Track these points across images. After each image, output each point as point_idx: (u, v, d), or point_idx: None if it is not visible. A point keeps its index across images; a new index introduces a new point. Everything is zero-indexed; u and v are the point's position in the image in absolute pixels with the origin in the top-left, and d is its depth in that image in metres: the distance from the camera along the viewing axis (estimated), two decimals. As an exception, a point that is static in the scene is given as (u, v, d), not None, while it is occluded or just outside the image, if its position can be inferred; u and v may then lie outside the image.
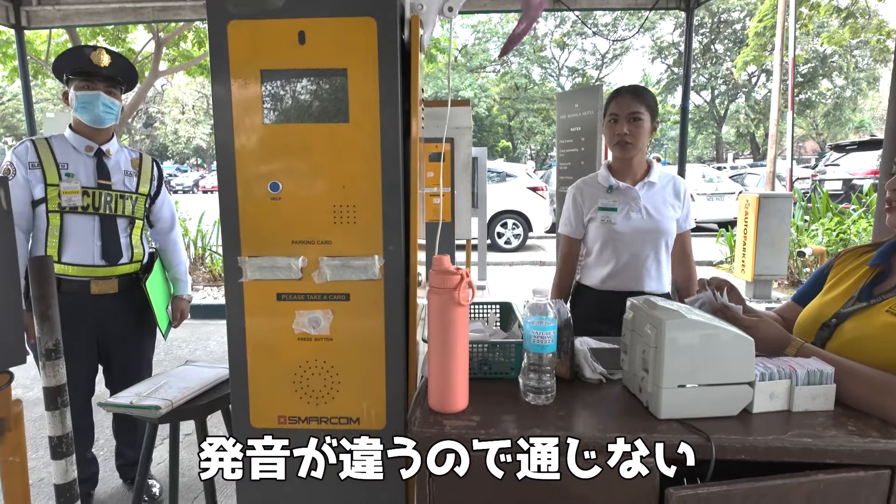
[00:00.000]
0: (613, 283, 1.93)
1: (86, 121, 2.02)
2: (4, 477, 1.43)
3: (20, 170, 1.96)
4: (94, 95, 1.99)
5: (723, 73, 24.77)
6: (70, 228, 1.99)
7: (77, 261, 1.99)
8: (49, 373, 1.77)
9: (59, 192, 1.96)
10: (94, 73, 1.98)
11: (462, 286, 1.11)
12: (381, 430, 1.24)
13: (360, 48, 1.13)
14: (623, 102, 1.85)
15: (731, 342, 1.08)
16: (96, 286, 2.03)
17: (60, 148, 2.03)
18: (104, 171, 2.07)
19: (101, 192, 2.04)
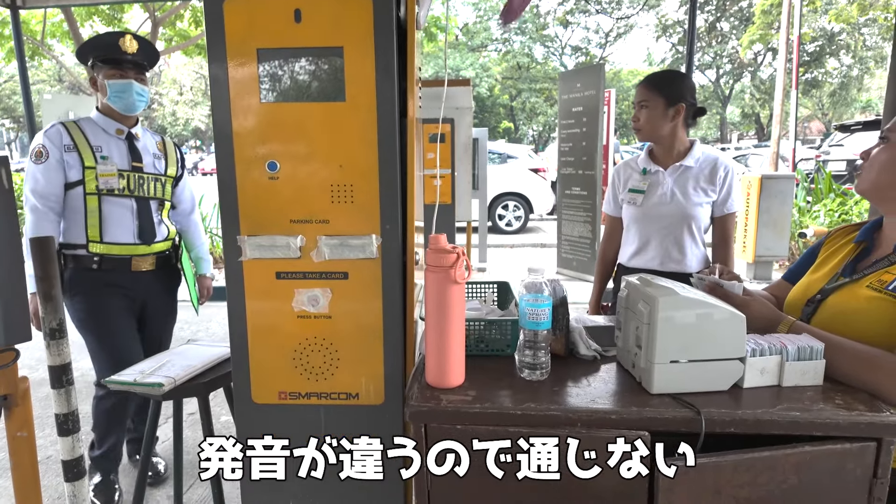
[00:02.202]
0: (637, 261, 2.04)
1: (119, 109, 2.04)
2: (13, 452, 1.47)
3: (54, 152, 1.97)
4: (126, 84, 2.01)
5: (728, 52, 24.43)
6: (109, 210, 2.02)
7: (118, 240, 2.04)
8: (54, 351, 1.80)
9: (97, 175, 1.98)
10: (124, 60, 2.00)
11: (458, 264, 1.13)
12: (379, 405, 1.27)
13: (356, 26, 1.13)
14: (638, 91, 1.97)
15: (723, 319, 1.09)
16: (136, 263, 2.09)
17: (92, 131, 2.04)
18: (136, 154, 2.10)
19: (135, 175, 2.07)
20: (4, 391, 1.40)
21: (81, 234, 2.01)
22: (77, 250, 2.02)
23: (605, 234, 2.24)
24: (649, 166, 2.01)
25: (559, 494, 1.07)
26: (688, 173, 1.95)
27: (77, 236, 2.01)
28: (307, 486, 1.31)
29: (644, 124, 1.94)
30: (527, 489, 1.09)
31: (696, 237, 1.98)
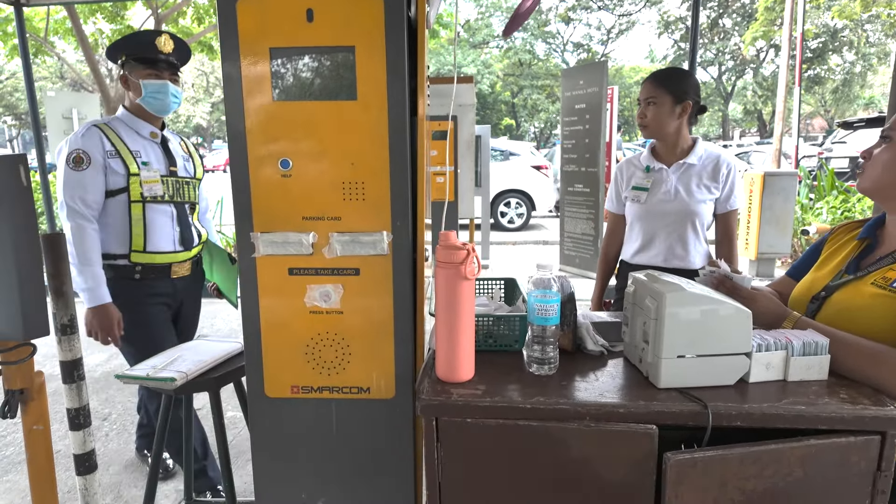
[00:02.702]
0: (639, 258, 2.06)
1: (153, 110, 1.99)
2: (28, 445, 1.49)
3: (96, 158, 1.89)
4: (162, 85, 1.97)
5: (730, 49, 24.36)
6: (153, 219, 1.97)
7: (160, 249, 2.00)
8: (65, 347, 1.82)
9: (141, 182, 1.93)
10: (159, 60, 1.96)
11: (468, 261, 1.14)
12: (390, 399, 1.29)
13: (367, 25, 1.14)
14: (644, 87, 1.97)
15: (730, 315, 1.11)
16: (175, 270, 2.06)
17: (127, 134, 1.98)
18: (171, 158, 2.07)
19: (172, 180, 2.04)
20: (21, 385, 1.42)
21: (123, 244, 1.95)
22: (117, 260, 1.96)
23: (607, 232, 2.26)
24: (652, 164, 2.02)
25: (569, 486, 1.09)
26: (691, 171, 1.97)
27: (118, 246, 1.96)
28: (319, 479, 1.34)
29: (651, 121, 1.95)
30: (536, 481, 1.11)
31: (699, 234, 1.99)
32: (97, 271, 1.90)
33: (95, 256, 1.90)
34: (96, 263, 1.90)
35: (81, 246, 1.87)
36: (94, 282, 1.89)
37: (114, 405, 3.33)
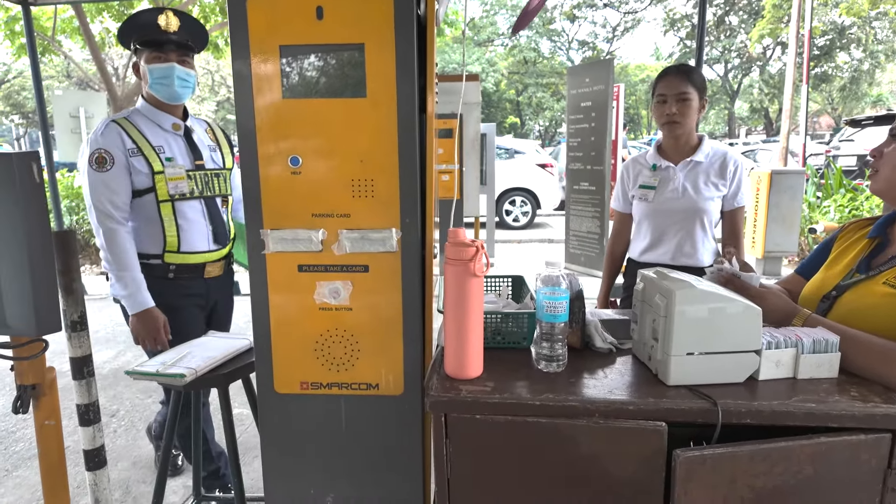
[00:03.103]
0: (648, 256, 2.05)
1: (163, 98, 1.85)
2: (41, 440, 1.50)
3: (119, 157, 1.78)
4: (167, 68, 1.80)
5: (737, 47, 24.23)
6: (184, 217, 1.87)
7: (194, 249, 1.90)
8: (75, 343, 1.84)
9: (166, 180, 1.82)
10: (165, 41, 1.79)
11: (477, 258, 1.15)
12: (398, 396, 1.30)
13: (377, 22, 1.14)
14: (671, 83, 1.90)
15: (739, 312, 1.11)
16: (208, 269, 1.96)
17: (148, 129, 1.85)
18: (196, 151, 1.93)
19: (199, 174, 1.91)
20: (33, 381, 1.44)
21: (156, 244, 1.86)
22: (150, 260, 1.87)
23: (613, 230, 2.25)
24: (659, 162, 2.02)
25: (578, 483, 1.10)
26: (698, 168, 1.96)
27: (150, 246, 1.87)
28: (328, 475, 1.34)
29: (683, 118, 1.91)
30: (545, 478, 1.11)
31: (707, 231, 1.99)
32: (136, 276, 1.81)
33: (132, 260, 1.81)
34: (134, 268, 1.81)
35: (116, 250, 1.79)
36: (133, 287, 1.80)
37: (122, 402, 3.36)
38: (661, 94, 1.92)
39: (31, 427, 3.07)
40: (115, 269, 1.81)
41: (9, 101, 25.64)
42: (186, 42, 1.83)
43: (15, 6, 6.51)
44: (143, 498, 2.35)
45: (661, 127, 1.96)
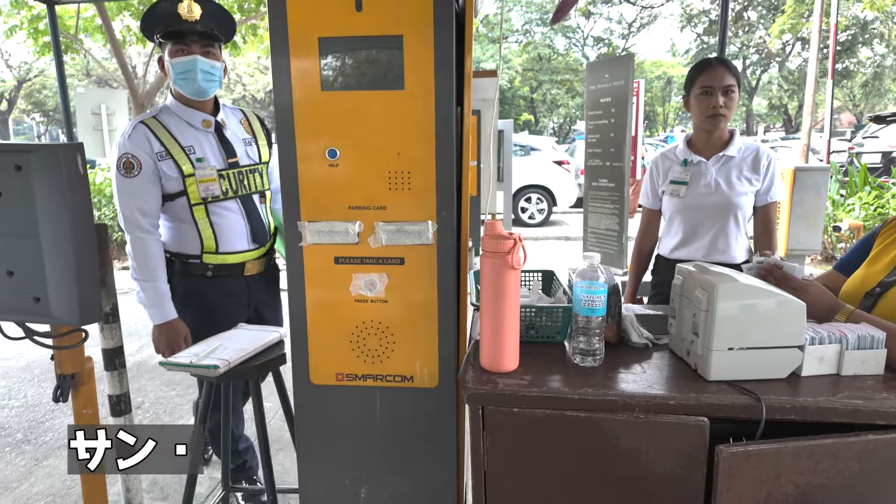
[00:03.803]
0: (679, 253, 2.01)
1: (188, 93, 1.76)
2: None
3: (147, 162, 1.71)
4: (190, 62, 1.70)
5: (755, 42, 23.86)
6: (220, 218, 1.80)
7: (233, 249, 1.84)
8: (107, 335, 1.86)
9: (197, 182, 1.74)
10: (187, 32, 1.69)
11: (515, 250, 1.14)
12: (433, 388, 1.30)
13: (415, 14, 1.14)
14: (717, 75, 1.84)
15: (782, 306, 1.09)
16: (248, 268, 1.90)
17: (177, 128, 1.77)
18: (229, 148, 1.84)
19: (233, 172, 1.82)
20: (72, 370, 1.46)
21: (194, 245, 1.81)
22: (189, 260, 1.83)
23: (641, 227, 2.22)
24: (690, 157, 1.98)
25: (616, 477, 1.09)
26: (730, 163, 1.93)
27: (189, 246, 1.81)
28: (362, 466, 1.35)
29: (729, 111, 1.86)
30: (583, 472, 1.10)
31: (740, 227, 1.96)
32: (160, 287, 1.78)
33: (158, 270, 1.78)
34: (159, 278, 1.78)
35: (143, 259, 1.75)
36: (157, 298, 1.77)
37: (146, 394, 3.40)
38: (707, 87, 1.85)
39: (60, 417, 3.13)
40: (140, 277, 1.78)
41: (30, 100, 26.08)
42: (211, 31, 1.73)
43: (39, 5, 6.61)
44: (170, 487, 2.39)
45: (704, 121, 1.89)
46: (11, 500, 2.37)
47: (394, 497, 1.37)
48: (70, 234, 1.09)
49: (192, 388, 3.42)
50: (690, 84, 1.92)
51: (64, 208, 1.08)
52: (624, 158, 5.25)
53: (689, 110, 1.96)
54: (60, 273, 1.11)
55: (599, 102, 5.45)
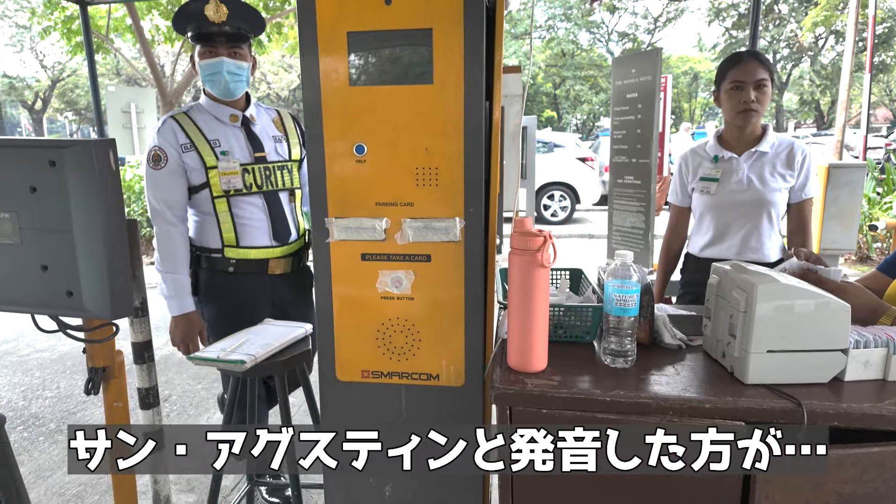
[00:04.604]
0: (710, 251, 1.95)
1: (216, 94, 1.80)
2: (109, 420, 1.55)
3: (172, 154, 1.74)
4: (216, 63, 1.74)
5: (786, 36, 23.21)
6: (241, 212, 1.82)
7: (256, 243, 1.85)
8: (137, 329, 1.89)
9: (219, 174, 1.77)
10: (215, 34, 1.71)
11: (545, 248, 1.12)
12: (459, 387, 1.28)
13: (445, 7, 1.12)
14: (749, 69, 1.79)
15: (825, 308, 1.05)
16: (272, 267, 1.89)
17: (205, 122, 1.80)
18: (256, 143, 1.85)
19: (259, 167, 1.83)
20: (103, 363, 1.49)
21: (216, 238, 1.83)
22: (212, 254, 1.85)
23: (669, 225, 2.17)
24: (720, 153, 1.93)
25: (647, 482, 1.06)
26: (763, 159, 1.87)
27: (212, 240, 1.84)
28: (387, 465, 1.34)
29: (761, 106, 1.81)
30: (614, 476, 1.07)
31: (774, 224, 1.90)
32: (180, 279, 1.80)
33: (180, 262, 1.80)
34: (180, 270, 1.81)
35: (165, 251, 1.79)
36: (175, 290, 1.80)
37: (173, 387, 3.46)
38: (738, 81, 1.80)
39: (91, 409, 3.21)
40: (162, 268, 1.81)
41: (63, 99, 26.82)
42: (238, 30, 1.75)
43: (72, 6, 6.78)
44: (196, 480, 2.42)
45: (735, 116, 1.84)
46: (44, 488, 2.44)
47: (418, 495, 1.36)
48: (102, 229, 1.10)
49: (218, 383, 3.47)
50: (721, 79, 1.87)
51: (96, 204, 1.09)
52: (651, 155, 5.15)
53: (720, 106, 1.91)
54: (93, 268, 1.12)
55: (626, 98, 5.36)
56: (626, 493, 1.08)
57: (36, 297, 1.17)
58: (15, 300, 1.18)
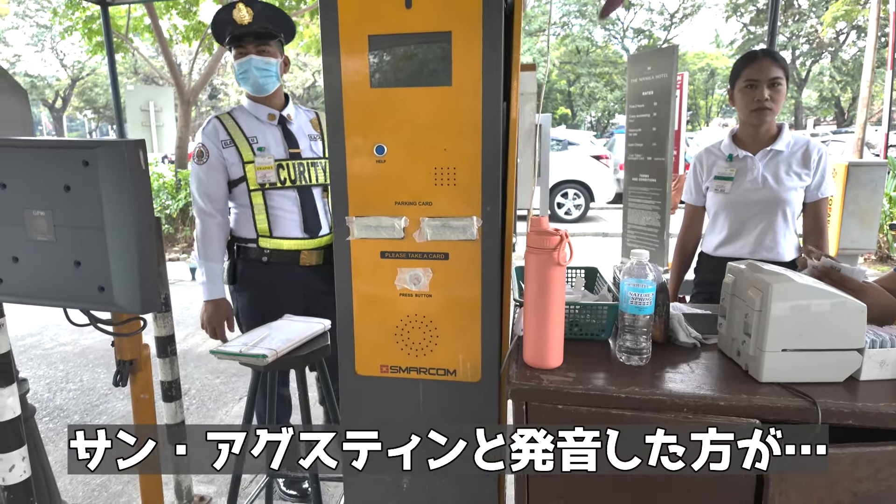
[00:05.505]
0: (724, 250, 1.96)
1: (249, 90, 1.93)
2: (136, 412, 1.61)
3: (213, 151, 1.90)
4: (245, 62, 1.86)
5: (806, 32, 22.82)
6: (275, 205, 1.94)
7: (288, 234, 1.97)
8: (160, 324, 1.94)
9: (255, 169, 1.90)
10: (243, 34, 1.85)
11: (561, 247, 1.14)
12: (476, 383, 1.31)
13: (465, 10, 1.14)
14: (762, 67, 1.80)
15: (841, 308, 1.05)
16: (303, 258, 2.00)
17: (246, 121, 1.95)
18: (292, 140, 1.98)
19: (294, 163, 1.96)
20: (131, 356, 1.54)
21: (251, 229, 1.96)
22: (247, 244, 1.98)
23: (684, 224, 2.17)
24: (735, 152, 1.93)
25: (661, 479, 1.07)
26: (778, 157, 1.87)
27: (247, 230, 1.97)
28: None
29: (775, 104, 1.81)
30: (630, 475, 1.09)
31: (789, 224, 1.90)
32: (213, 266, 1.96)
33: (215, 251, 1.95)
34: (214, 259, 1.96)
35: (202, 240, 1.95)
36: (208, 277, 1.96)
37: (192, 381, 3.53)
38: (752, 79, 1.80)
39: (113, 401, 3.29)
40: (199, 256, 1.97)
41: (83, 97, 27.26)
42: (264, 29, 1.86)
43: (93, 6, 6.91)
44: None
45: (749, 114, 1.84)
46: (70, 476, 2.51)
47: (435, 489, 1.38)
48: (133, 226, 1.14)
49: (236, 377, 3.53)
50: (736, 77, 1.88)
51: (127, 202, 1.13)
52: (666, 153, 5.12)
53: (735, 104, 1.91)
54: (123, 264, 1.16)
55: (641, 96, 5.33)
56: (639, 491, 1.09)
57: (69, 291, 1.21)
58: (50, 294, 1.23)
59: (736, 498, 1.05)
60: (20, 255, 1.22)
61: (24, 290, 1.24)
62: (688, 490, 1.07)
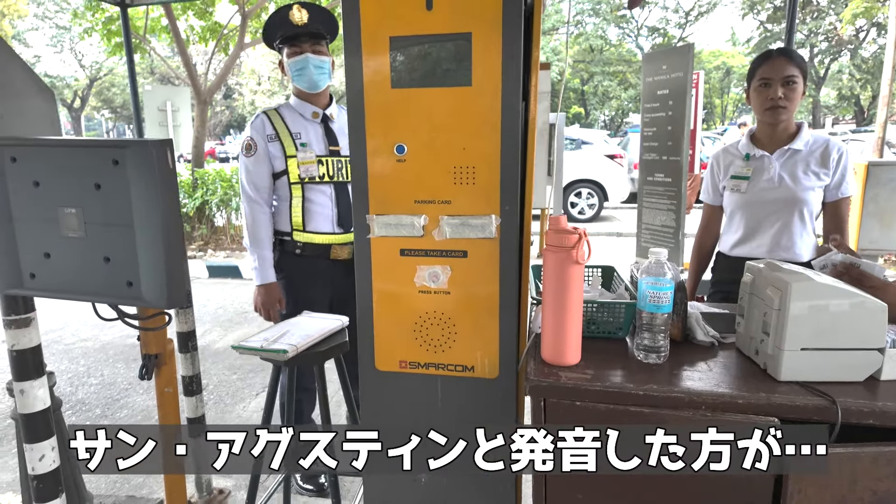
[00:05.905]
0: (740, 250, 1.95)
1: (303, 87, 2.03)
2: (160, 405, 1.65)
3: (260, 144, 2.01)
4: (303, 59, 1.97)
5: (825, 29, 22.46)
6: (311, 199, 2.04)
7: (320, 229, 2.07)
8: (182, 319, 1.98)
9: (298, 163, 2.01)
10: (300, 34, 1.96)
11: (580, 245, 1.15)
12: (493, 379, 1.32)
13: (485, 11, 1.16)
14: (776, 65, 1.80)
15: (861, 307, 1.05)
16: (334, 252, 2.10)
17: (291, 118, 2.05)
18: (332, 137, 2.09)
19: (333, 160, 2.06)
20: (156, 350, 1.58)
21: (287, 222, 2.07)
22: (284, 236, 2.10)
23: (701, 223, 2.17)
24: (752, 151, 1.92)
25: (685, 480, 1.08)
26: (796, 156, 1.86)
27: (284, 223, 2.08)
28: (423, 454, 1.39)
29: (789, 103, 1.81)
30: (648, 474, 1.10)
31: (806, 223, 1.88)
32: (264, 253, 2.05)
33: (263, 238, 2.04)
34: (264, 245, 2.05)
35: (252, 227, 2.05)
36: (259, 262, 2.05)
37: (210, 377, 3.59)
38: (765, 78, 1.80)
39: (132, 396, 3.35)
40: (249, 244, 2.06)
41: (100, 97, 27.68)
42: (318, 31, 1.98)
43: (113, 7, 7.02)
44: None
45: (763, 113, 1.83)
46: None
47: (453, 484, 1.40)
48: (160, 223, 1.17)
49: (253, 373, 3.58)
50: (751, 76, 1.88)
51: (155, 199, 1.17)
52: (682, 152, 5.08)
53: (751, 103, 1.91)
54: (151, 260, 1.20)
55: (656, 94, 5.29)
56: (657, 490, 1.10)
57: (99, 286, 1.25)
58: (80, 289, 1.26)
59: (755, 494, 1.05)
60: (52, 252, 1.26)
61: (56, 285, 1.28)
62: (709, 489, 1.07)
